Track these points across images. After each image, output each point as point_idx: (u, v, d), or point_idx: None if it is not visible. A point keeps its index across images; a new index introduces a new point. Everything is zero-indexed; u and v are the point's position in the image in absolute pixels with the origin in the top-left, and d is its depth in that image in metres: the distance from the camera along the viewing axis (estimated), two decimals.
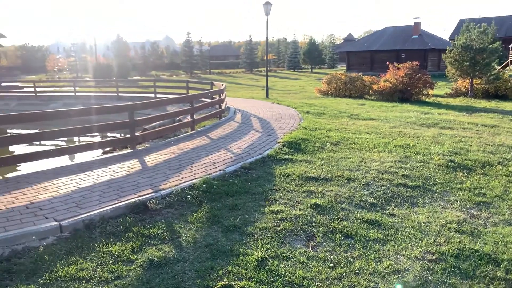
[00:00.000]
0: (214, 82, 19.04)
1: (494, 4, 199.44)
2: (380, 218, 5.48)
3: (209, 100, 13.78)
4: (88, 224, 5.08)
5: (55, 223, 4.94)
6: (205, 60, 68.92)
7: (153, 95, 23.31)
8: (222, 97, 13.90)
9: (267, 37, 22.96)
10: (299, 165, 7.81)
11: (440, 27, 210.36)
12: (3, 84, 31.43)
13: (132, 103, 8.51)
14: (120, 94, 23.87)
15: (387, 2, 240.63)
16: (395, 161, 8.14)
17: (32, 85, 30.99)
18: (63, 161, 8.86)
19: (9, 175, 6.93)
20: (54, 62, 68.59)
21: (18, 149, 11.55)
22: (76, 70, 58.13)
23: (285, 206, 5.81)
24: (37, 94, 25.44)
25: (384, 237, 4.95)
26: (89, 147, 8.33)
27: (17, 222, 4.96)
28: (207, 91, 14.05)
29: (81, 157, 9.39)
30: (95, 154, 9.23)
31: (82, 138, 15.06)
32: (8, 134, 13.27)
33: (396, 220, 5.49)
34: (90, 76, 51.52)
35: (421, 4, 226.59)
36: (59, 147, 8.73)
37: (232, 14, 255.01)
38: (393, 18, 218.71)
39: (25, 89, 29.92)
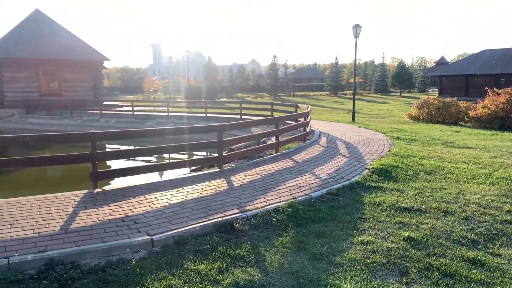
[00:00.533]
0: (298, 104, 19.05)
1: None
2: (484, 258, 4.94)
3: (294, 123, 13.76)
4: (177, 241, 5.20)
5: (148, 237, 5.13)
6: (289, 82, 69.67)
7: (238, 116, 23.92)
8: (307, 119, 13.81)
9: (355, 60, 22.59)
10: (390, 194, 7.39)
11: None
12: (105, 102, 34.35)
13: (220, 123, 8.74)
14: (208, 115, 24.83)
15: (483, 24, 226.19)
16: (498, 195, 7.38)
17: (130, 104, 33.61)
18: (153, 176, 9.33)
19: (107, 187, 7.39)
20: (150, 83, 73.88)
21: (116, 163, 12.44)
22: (169, 91, 61.90)
23: (375, 237, 5.48)
24: (134, 112, 27.38)
25: (489, 279, 4.44)
26: (182, 164, 8.67)
27: (113, 234, 5.22)
28: (292, 114, 14.05)
29: (169, 174, 9.82)
30: (183, 171, 9.60)
31: (170, 155, 15.81)
32: (108, 149, 14.30)
33: (502, 261, 4.92)
34: (181, 97, 54.55)
35: None
36: (157, 163, 9.22)
37: (318, 37, 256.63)
38: (488, 41, 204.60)
39: (124, 108, 32.44)
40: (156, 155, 14.76)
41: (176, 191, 7.13)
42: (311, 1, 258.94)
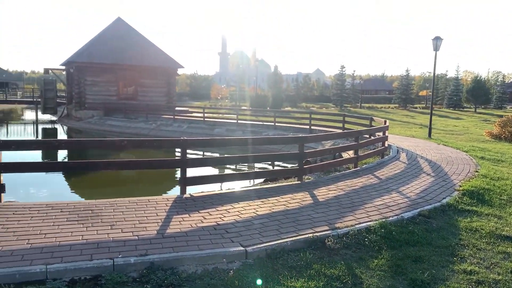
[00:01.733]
0: (374, 117, 18.51)
1: None
2: None
3: (371, 137, 13.37)
4: (270, 254, 5.16)
5: (241, 248, 5.13)
6: (356, 93, 68.28)
7: (307, 127, 23.73)
8: (385, 134, 13.36)
9: (434, 74, 21.61)
10: (487, 219, 6.89)
11: None
12: (176, 108, 35.64)
13: (303, 135, 8.67)
14: (276, 124, 24.87)
15: None
16: None
17: (202, 110, 34.61)
18: (232, 185, 9.44)
19: (195, 194, 7.54)
20: (217, 91, 75.74)
21: (196, 171, 12.82)
22: (235, 99, 63.05)
23: (478, 267, 5.10)
24: (205, 119, 28.11)
25: None
26: (265, 174, 8.69)
27: (207, 242, 5.29)
28: (372, 128, 13.65)
29: (244, 184, 9.88)
30: (258, 181, 9.62)
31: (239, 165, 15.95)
32: (196, 157, 14.55)
33: None
34: (246, 105, 55.37)
35: None
36: (242, 172, 9.29)
37: (386, 47, 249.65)
38: None
39: (193, 114, 33.43)
40: (236, 164, 14.84)
41: (261, 201, 7.12)
42: (381, 12, 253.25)
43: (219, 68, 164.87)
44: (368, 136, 13.06)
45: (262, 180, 9.88)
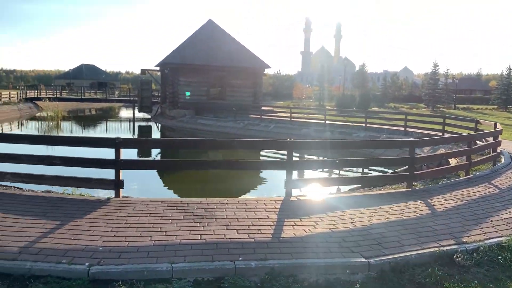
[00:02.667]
0: (479, 120, 17.05)
1: None
2: None
3: (482, 142, 12.27)
4: (394, 267, 4.82)
5: (363, 259, 4.86)
6: (449, 94, 63.91)
7: (400, 128, 22.58)
8: (498, 139, 12.17)
9: None
10: None
11: None
12: (262, 108, 36.01)
13: (413, 138, 8.10)
14: (367, 125, 23.99)
15: None
16: None
17: (287, 110, 34.59)
18: (331, 189, 9.14)
19: (301, 197, 7.38)
20: (300, 90, 75.43)
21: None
22: (319, 98, 62.26)
23: None
24: (292, 119, 28.01)
25: None
26: (374, 179, 8.31)
27: (325, 250, 5.09)
28: (485, 132, 12.52)
29: (345, 188, 9.52)
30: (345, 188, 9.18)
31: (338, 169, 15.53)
32: (302, 159, 14.38)
33: None
34: (332, 105, 54.41)
35: None
36: (355, 177, 9.00)
37: (482, 44, 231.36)
38: None
39: (278, 114, 33.51)
40: (340, 168, 14.43)
41: (374, 209, 6.76)
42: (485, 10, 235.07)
43: (301, 67, 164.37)
44: (480, 141, 12.01)
45: (351, 186, 9.44)
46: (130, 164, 7.13)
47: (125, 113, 52.90)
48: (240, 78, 36.44)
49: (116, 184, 6.93)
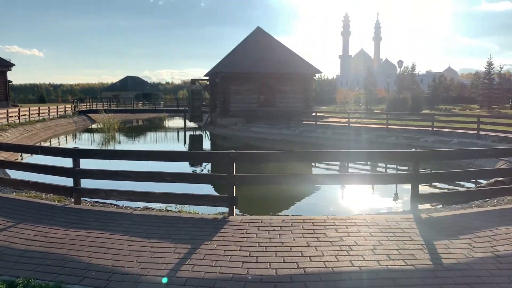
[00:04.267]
0: None
1: None
2: None
3: None
4: None
5: None
6: (504, 93, 60.80)
7: (471, 132, 21.24)
8: None
9: None
10: None
11: None
12: (313, 113, 35.30)
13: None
14: (434, 129, 22.81)
15: None
16: None
17: (340, 115, 33.77)
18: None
19: (433, 214, 6.67)
20: (343, 94, 74.02)
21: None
22: (368, 102, 60.68)
23: None
24: (350, 124, 27.13)
25: None
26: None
27: (506, 280, 4.39)
28: None
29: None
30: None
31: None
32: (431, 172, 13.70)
33: None
34: (379, 108, 52.90)
35: None
36: (478, 189, 8.18)
37: None
38: None
39: (329, 119, 32.64)
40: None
41: None
42: None
43: (340, 71, 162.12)
44: None
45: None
46: (244, 180, 6.68)
47: (173, 122, 53.59)
48: (290, 84, 35.93)
49: (231, 201, 6.49)
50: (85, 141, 32.82)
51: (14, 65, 59.25)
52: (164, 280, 4.39)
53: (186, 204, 7.10)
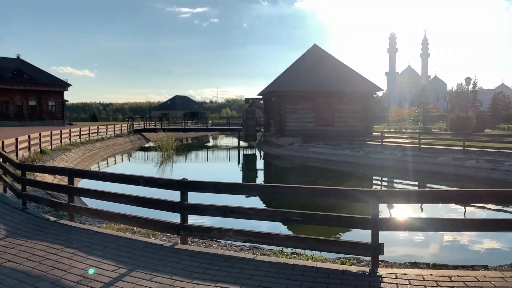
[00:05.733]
0: None
1: None
2: None
3: None
4: None
5: None
6: None
7: None
8: None
9: None
10: None
11: None
12: (374, 133, 33.72)
13: None
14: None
15: None
16: None
17: (400, 135, 32.04)
18: None
19: None
20: (396, 112, 71.56)
21: None
22: (423, 120, 58.10)
23: None
24: (421, 146, 25.35)
25: None
26: None
27: None
28: None
29: None
30: None
31: None
32: None
33: None
34: (437, 127, 50.35)
35: None
36: None
37: None
38: None
39: (392, 139, 30.84)
40: None
41: None
42: None
43: (387, 88, 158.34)
44: None
45: None
46: (391, 225, 5.53)
47: (223, 141, 53.35)
48: (349, 103, 34.57)
49: (376, 250, 5.36)
50: (141, 159, 32.79)
51: (70, 85, 61.49)
52: None
53: (318, 250, 6.01)
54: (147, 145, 42.39)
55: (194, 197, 6.53)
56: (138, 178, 6.83)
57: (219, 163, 32.21)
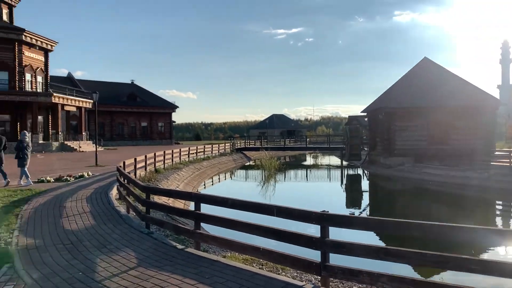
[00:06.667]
0: None
1: None
2: None
3: None
4: None
5: None
6: None
7: None
8: None
9: None
10: None
11: None
12: (496, 153, 30.06)
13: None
14: None
15: None
16: None
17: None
18: None
19: None
20: None
21: None
22: None
23: None
24: None
25: None
26: None
27: None
28: None
29: None
30: None
31: None
32: None
33: None
34: None
35: None
36: None
37: None
38: None
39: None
40: None
41: None
42: None
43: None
44: None
45: None
46: None
47: (323, 160, 52.09)
48: (466, 118, 31.32)
49: None
50: (243, 178, 33.00)
51: (178, 107, 65.32)
52: None
53: None
54: (248, 163, 42.83)
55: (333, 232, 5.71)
56: (271, 207, 6.21)
57: (324, 183, 31.15)
